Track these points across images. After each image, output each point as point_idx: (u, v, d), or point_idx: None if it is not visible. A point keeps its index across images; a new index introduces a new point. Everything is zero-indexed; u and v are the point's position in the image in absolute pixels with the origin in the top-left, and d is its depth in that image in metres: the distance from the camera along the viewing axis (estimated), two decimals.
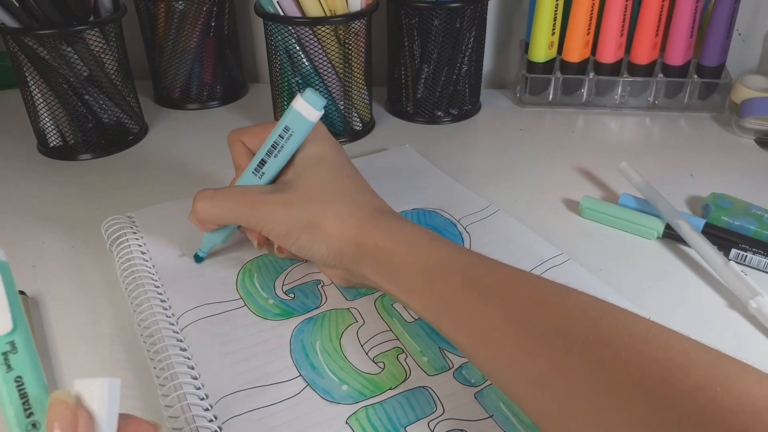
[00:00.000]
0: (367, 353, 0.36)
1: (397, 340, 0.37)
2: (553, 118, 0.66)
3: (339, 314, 0.39)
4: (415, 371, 0.34)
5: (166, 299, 0.39)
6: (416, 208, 0.48)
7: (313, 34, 0.55)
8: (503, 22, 0.71)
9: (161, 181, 0.55)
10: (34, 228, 0.49)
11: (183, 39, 0.63)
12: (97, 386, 0.24)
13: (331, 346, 0.36)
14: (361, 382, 0.34)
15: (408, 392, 0.33)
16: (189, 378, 0.33)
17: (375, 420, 0.32)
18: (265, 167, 0.38)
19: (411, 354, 0.35)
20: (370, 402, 0.33)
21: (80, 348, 0.38)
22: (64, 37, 0.53)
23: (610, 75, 0.64)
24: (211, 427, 0.31)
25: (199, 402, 0.32)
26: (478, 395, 0.33)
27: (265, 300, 0.40)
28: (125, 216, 0.46)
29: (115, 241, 0.44)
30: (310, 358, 0.35)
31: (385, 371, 0.34)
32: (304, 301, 0.40)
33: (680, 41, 0.62)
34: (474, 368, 0.34)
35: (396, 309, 0.39)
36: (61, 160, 0.58)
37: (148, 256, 0.42)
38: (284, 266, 0.42)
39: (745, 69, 0.69)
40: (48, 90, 0.55)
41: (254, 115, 0.66)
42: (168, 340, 0.35)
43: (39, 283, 0.42)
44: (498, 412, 0.32)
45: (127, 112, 0.60)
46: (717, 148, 0.60)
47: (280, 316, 0.38)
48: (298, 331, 0.37)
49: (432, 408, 0.32)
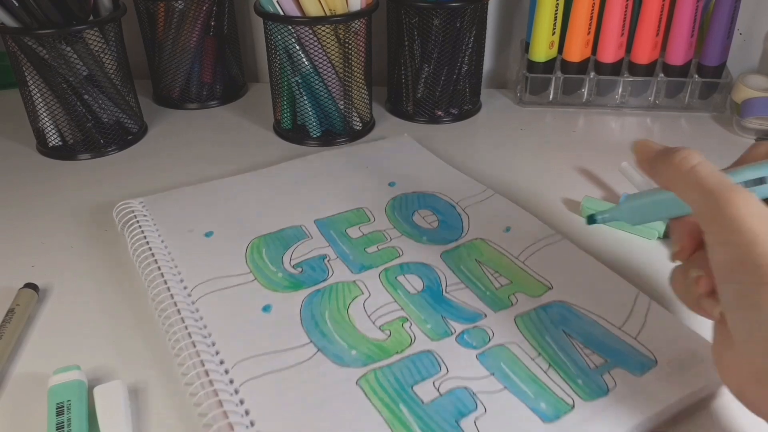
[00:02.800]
0: (374, 322, 0.37)
1: (402, 310, 0.38)
2: (553, 117, 0.65)
3: (346, 286, 0.40)
4: (419, 337, 0.36)
5: (178, 273, 0.41)
6: (416, 192, 0.50)
7: (313, 33, 0.55)
8: (503, 22, 0.71)
9: (161, 180, 0.54)
10: (33, 228, 0.49)
11: (182, 38, 0.63)
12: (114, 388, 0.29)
13: (340, 316, 0.38)
14: (369, 347, 0.36)
15: (414, 356, 0.35)
16: (205, 346, 0.35)
17: (383, 381, 0.33)
18: (764, 187, 0.29)
19: (415, 322, 0.37)
20: (379, 365, 0.34)
21: (84, 342, 0.38)
22: (63, 37, 0.52)
23: (611, 75, 0.64)
24: (229, 389, 0.33)
25: (216, 367, 0.34)
26: (480, 356, 0.35)
27: (274, 273, 0.41)
28: (136, 201, 0.48)
29: (126, 222, 0.46)
30: (319, 327, 0.37)
31: (391, 338, 0.36)
32: (312, 274, 0.41)
33: (681, 41, 0.62)
34: (475, 332, 0.36)
35: (400, 282, 0.40)
36: (60, 159, 0.58)
37: (158, 234, 0.44)
38: (291, 242, 0.44)
39: (746, 69, 0.69)
40: (47, 90, 0.55)
41: (254, 115, 0.66)
42: (183, 312, 0.37)
43: (38, 282, 0.42)
44: (498, 371, 0.34)
45: (126, 111, 0.60)
46: (718, 147, 0.60)
47: (289, 288, 0.40)
48: (307, 302, 0.39)
49: (437, 369, 0.34)
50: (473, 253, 0.43)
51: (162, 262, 0.41)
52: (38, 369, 0.36)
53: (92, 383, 0.34)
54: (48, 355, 0.37)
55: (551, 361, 0.34)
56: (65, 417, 0.31)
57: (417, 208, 0.48)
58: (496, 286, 0.40)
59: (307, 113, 0.59)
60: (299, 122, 0.60)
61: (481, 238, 0.44)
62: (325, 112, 0.59)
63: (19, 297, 0.40)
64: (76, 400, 0.32)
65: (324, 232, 0.45)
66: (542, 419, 0.31)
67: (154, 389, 0.35)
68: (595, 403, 0.32)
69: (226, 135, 0.62)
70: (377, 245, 0.44)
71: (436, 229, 0.46)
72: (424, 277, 0.41)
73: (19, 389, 0.35)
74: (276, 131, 0.63)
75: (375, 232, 0.45)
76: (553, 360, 0.34)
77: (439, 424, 0.31)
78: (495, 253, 0.43)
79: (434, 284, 0.40)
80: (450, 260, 0.42)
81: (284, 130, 0.61)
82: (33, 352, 0.38)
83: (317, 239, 0.44)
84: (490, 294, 0.40)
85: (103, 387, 0.33)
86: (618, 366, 0.34)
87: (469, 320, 0.37)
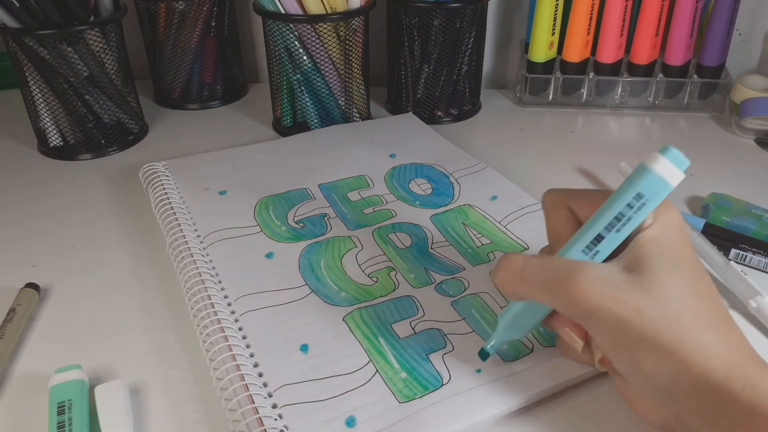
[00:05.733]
0: (363, 271, 0.42)
1: (390, 261, 0.43)
2: (553, 118, 0.66)
3: (341, 240, 0.45)
4: (402, 284, 0.41)
5: (193, 224, 0.45)
6: (414, 162, 0.54)
7: (314, 31, 0.55)
8: (503, 22, 0.71)
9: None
10: (33, 228, 0.49)
11: (183, 39, 0.63)
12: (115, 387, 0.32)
13: (334, 264, 0.42)
14: (356, 291, 0.40)
15: (395, 299, 0.39)
16: (212, 283, 0.39)
17: (366, 318, 0.38)
18: (601, 244, 0.30)
19: (400, 271, 0.42)
20: (364, 305, 0.39)
21: (85, 341, 0.38)
22: (64, 37, 0.53)
23: (610, 75, 0.64)
24: (231, 318, 0.37)
25: (221, 300, 0.38)
26: (455, 303, 0.39)
27: (279, 227, 0.46)
28: (159, 163, 0.52)
29: (150, 182, 0.50)
30: (315, 272, 0.41)
31: (377, 284, 0.41)
32: (312, 229, 0.46)
33: (680, 41, 0.62)
34: (452, 282, 0.41)
35: (390, 238, 0.45)
36: (61, 160, 0.58)
37: (177, 191, 0.49)
38: (295, 202, 0.48)
39: (745, 69, 0.69)
40: (48, 90, 0.55)
41: (254, 115, 0.66)
42: (195, 255, 0.42)
43: (39, 282, 0.42)
44: (469, 316, 0.38)
45: (127, 112, 0.60)
46: (717, 148, 0.60)
47: (291, 239, 0.45)
48: (306, 252, 0.43)
49: (414, 311, 0.38)
50: (460, 217, 0.47)
51: (179, 214, 0.46)
52: (39, 368, 0.36)
53: (93, 382, 0.34)
54: (49, 354, 0.37)
55: None
56: (66, 416, 0.31)
57: (413, 177, 0.52)
58: (477, 245, 0.44)
59: (308, 110, 0.59)
60: (299, 120, 0.61)
61: (468, 204, 0.49)
62: (326, 109, 0.60)
63: (20, 297, 0.40)
64: (77, 399, 0.32)
65: (326, 195, 0.50)
66: (502, 358, 0.35)
67: (155, 388, 0.35)
68: (552, 349, 0.36)
69: (227, 135, 0.62)
70: (373, 207, 0.48)
71: (429, 195, 0.50)
72: (412, 235, 0.45)
73: (20, 389, 0.35)
74: (276, 129, 0.63)
75: (373, 197, 0.49)
76: None
77: (411, 356, 0.35)
78: (480, 217, 0.47)
79: (421, 241, 0.45)
80: (438, 222, 0.47)
81: (284, 128, 0.61)
82: (34, 351, 0.38)
83: (320, 200, 0.49)
84: (471, 251, 0.44)
85: (104, 386, 0.33)
86: None
87: (449, 272, 0.42)
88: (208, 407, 0.34)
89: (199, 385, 0.35)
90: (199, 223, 0.45)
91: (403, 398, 0.33)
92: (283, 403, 0.32)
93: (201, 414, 0.34)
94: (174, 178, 0.51)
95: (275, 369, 0.34)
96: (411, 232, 0.45)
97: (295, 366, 0.34)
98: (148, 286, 0.42)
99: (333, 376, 0.34)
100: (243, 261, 0.42)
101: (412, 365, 0.35)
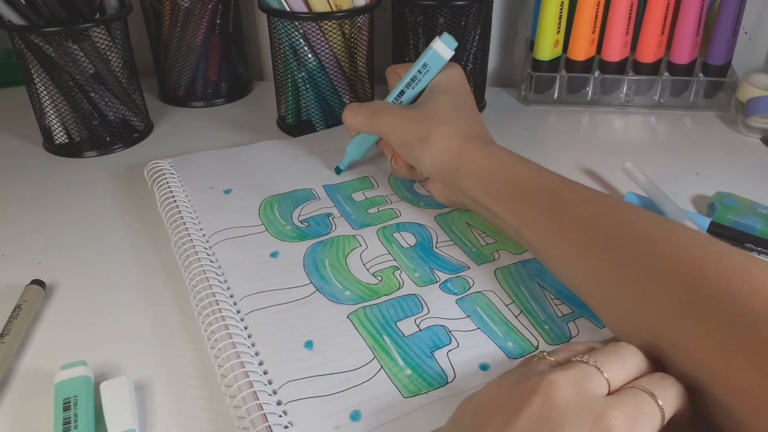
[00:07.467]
0: (368, 270, 0.42)
1: (394, 260, 0.43)
2: (558, 116, 0.65)
3: (346, 239, 0.45)
4: (407, 283, 0.41)
5: (198, 222, 0.46)
6: None
7: (319, 29, 0.55)
8: (508, 20, 0.71)
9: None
10: (39, 225, 0.49)
11: (188, 37, 0.63)
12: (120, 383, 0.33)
13: (338, 263, 0.42)
14: (361, 289, 0.40)
15: (400, 297, 0.39)
16: (217, 282, 0.40)
17: (371, 316, 0.38)
18: (404, 96, 0.47)
19: (405, 270, 0.42)
20: (368, 304, 0.39)
21: (90, 338, 0.38)
22: (69, 35, 0.53)
23: (616, 73, 0.64)
24: (236, 317, 0.37)
25: (226, 299, 0.38)
26: (459, 301, 0.39)
27: (283, 226, 0.46)
28: (164, 161, 0.53)
29: (156, 180, 0.50)
30: (320, 271, 0.42)
31: (382, 282, 0.41)
32: (317, 228, 0.46)
33: (686, 39, 0.62)
34: (457, 281, 0.41)
35: (395, 237, 0.45)
36: (66, 157, 0.58)
37: (182, 189, 0.49)
38: (300, 202, 0.49)
39: (751, 67, 0.69)
40: (54, 87, 0.55)
41: (259, 113, 0.66)
42: (201, 254, 0.42)
43: (44, 279, 0.42)
44: (474, 314, 0.38)
45: (132, 109, 0.60)
46: (723, 146, 0.60)
47: (296, 239, 0.45)
48: (311, 251, 0.43)
49: (419, 309, 0.39)
50: (465, 217, 0.47)
51: (185, 212, 0.46)
52: (45, 365, 0.36)
53: (99, 379, 0.34)
54: (54, 351, 0.38)
55: (523, 307, 0.39)
56: (72, 412, 0.32)
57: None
58: (482, 244, 0.44)
59: (312, 108, 0.59)
60: (304, 117, 0.61)
61: None
62: (331, 107, 0.60)
63: (25, 293, 0.40)
64: (83, 395, 0.32)
65: (331, 195, 0.50)
66: (507, 355, 0.35)
67: (160, 385, 0.35)
68: (556, 347, 0.35)
69: (232, 133, 0.62)
70: (378, 207, 0.48)
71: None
72: (417, 234, 0.45)
73: (26, 385, 0.36)
74: (280, 127, 0.63)
75: (377, 197, 0.50)
76: (525, 307, 0.39)
77: (416, 353, 0.35)
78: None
79: (426, 240, 0.45)
80: (443, 222, 0.47)
81: (289, 126, 0.61)
82: (40, 348, 0.38)
83: (324, 201, 0.49)
84: (476, 250, 0.44)
85: (109, 383, 0.33)
86: (583, 316, 0.38)
87: (454, 271, 0.42)
88: (213, 404, 0.34)
89: (204, 382, 0.35)
90: (204, 222, 0.46)
91: (408, 393, 0.33)
92: (287, 399, 0.32)
93: (206, 411, 0.34)
94: (179, 176, 0.51)
95: (280, 365, 0.34)
96: (415, 231, 0.46)
97: (299, 362, 0.35)
98: (154, 283, 0.43)
99: (338, 372, 0.34)
100: (248, 260, 0.42)
101: (417, 362, 0.35)
